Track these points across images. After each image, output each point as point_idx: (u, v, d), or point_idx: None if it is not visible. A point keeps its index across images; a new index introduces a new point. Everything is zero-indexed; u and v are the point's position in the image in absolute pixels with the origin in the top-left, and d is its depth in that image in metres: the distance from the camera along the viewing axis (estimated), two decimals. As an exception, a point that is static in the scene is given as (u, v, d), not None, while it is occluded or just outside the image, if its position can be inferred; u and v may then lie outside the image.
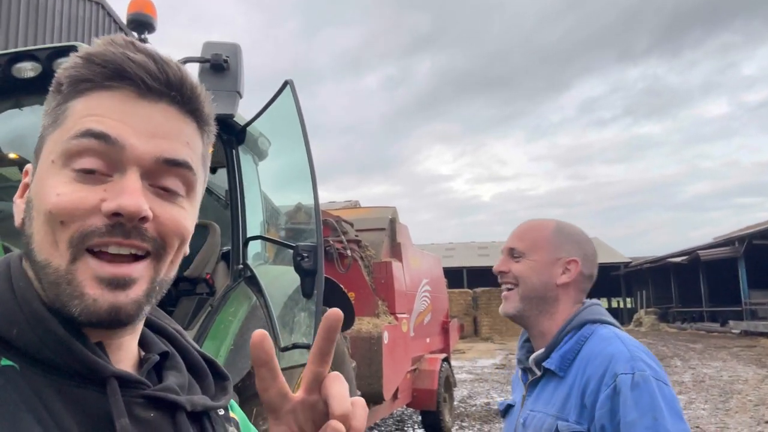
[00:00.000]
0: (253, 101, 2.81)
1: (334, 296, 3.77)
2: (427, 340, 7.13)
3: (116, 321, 0.53)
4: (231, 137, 3.17)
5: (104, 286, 0.52)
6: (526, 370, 1.37)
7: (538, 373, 1.31)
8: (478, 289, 25.78)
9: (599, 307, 1.35)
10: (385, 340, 5.24)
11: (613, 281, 40.66)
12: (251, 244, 3.23)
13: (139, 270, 0.54)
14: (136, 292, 0.54)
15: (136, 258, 0.54)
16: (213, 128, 0.63)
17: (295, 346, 2.52)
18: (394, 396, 5.84)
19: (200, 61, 2.16)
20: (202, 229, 3.32)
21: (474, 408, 8.88)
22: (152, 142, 0.55)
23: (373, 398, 5.17)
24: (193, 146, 0.59)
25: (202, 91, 0.60)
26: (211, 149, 0.65)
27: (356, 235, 5.87)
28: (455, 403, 8.35)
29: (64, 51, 2.32)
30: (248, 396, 2.72)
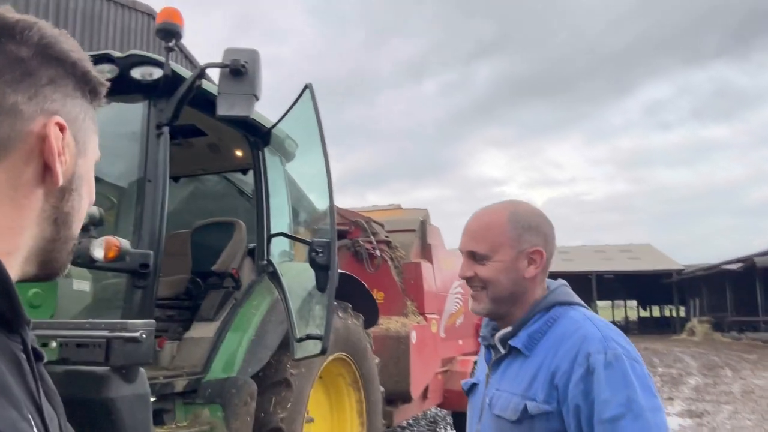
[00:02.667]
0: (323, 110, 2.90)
1: (358, 294, 3.87)
2: (460, 341, 7.12)
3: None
4: (257, 139, 3.33)
5: None
6: (490, 348, 1.38)
7: (503, 352, 1.31)
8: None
9: (568, 288, 1.35)
10: (413, 340, 5.28)
11: (665, 289, 39.19)
12: (279, 241, 3.38)
13: None
14: None
15: None
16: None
17: (308, 337, 2.63)
18: (424, 396, 5.87)
19: (220, 66, 2.30)
20: (228, 227, 3.49)
21: (509, 412, 8.80)
22: None
23: (401, 396, 5.22)
24: None
25: None
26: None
27: (386, 236, 5.94)
28: (489, 406, 8.29)
29: (146, 60, 2.55)
30: (267, 385, 2.85)
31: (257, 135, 3.32)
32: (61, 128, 0.58)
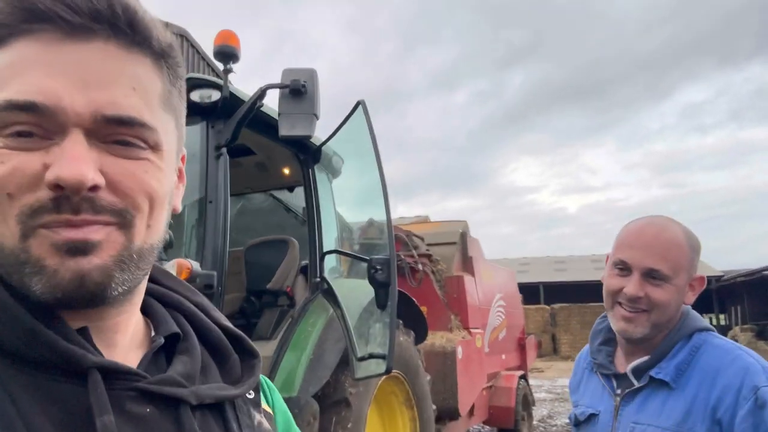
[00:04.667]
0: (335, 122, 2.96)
1: (407, 309, 3.83)
2: (503, 356, 7.01)
3: (84, 292, 0.45)
4: (307, 157, 3.34)
5: (63, 253, 0.45)
6: (611, 377, 1.31)
7: (637, 384, 1.24)
8: (556, 305, 24.95)
9: (696, 313, 1.29)
10: (459, 355, 5.21)
11: (705, 296, 37.96)
12: (327, 258, 3.37)
13: (101, 233, 0.46)
14: (102, 257, 0.46)
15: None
16: (176, 58, 0.54)
17: (371, 356, 2.60)
18: (470, 413, 5.77)
19: (280, 86, 2.31)
20: (281, 244, 3.50)
21: (555, 428, 8.60)
22: (87, 95, 0.45)
23: (449, 414, 5.14)
24: (145, 89, 0.49)
25: (146, 15, 0.49)
26: (182, 86, 0.58)
27: (427, 249, 5.91)
28: (534, 422, 8.12)
29: (205, 83, 2.60)
30: (328, 404, 2.82)
31: (307, 153, 3.34)
32: None
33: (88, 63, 0.46)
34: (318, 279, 3.18)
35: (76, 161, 0.44)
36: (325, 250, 3.29)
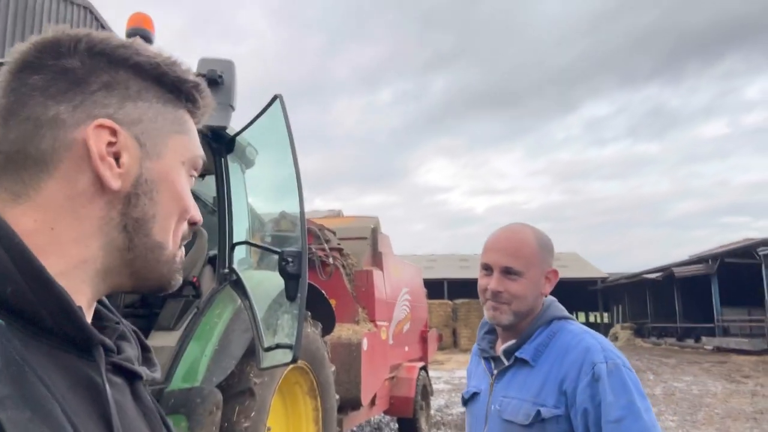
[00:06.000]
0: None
1: (316, 302, 3.89)
2: (406, 348, 7.26)
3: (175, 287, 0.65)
4: (221, 146, 3.30)
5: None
6: (489, 359, 1.51)
7: (507, 363, 1.45)
8: (458, 301, 25.97)
9: (558, 303, 1.50)
10: (365, 347, 5.35)
11: (591, 296, 41.15)
12: (237, 249, 3.35)
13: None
14: None
15: None
16: None
17: (278, 346, 2.64)
18: (372, 402, 5.94)
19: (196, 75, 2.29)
20: (189, 234, 3.44)
21: (451, 417, 9.01)
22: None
23: (352, 404, 5.27)
24: None
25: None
26: None
27: (338, 244, 6.00)
28: (432, 411, 8.47)
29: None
30: (231, 394, 2.83)
31: (220, 142, 3.30)
32: (112, 131, 0.56)
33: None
34: (227, 270, 3.16)
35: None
36: (235, 240, 3.27)
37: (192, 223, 0.65)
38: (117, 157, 0.57)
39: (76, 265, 0.56)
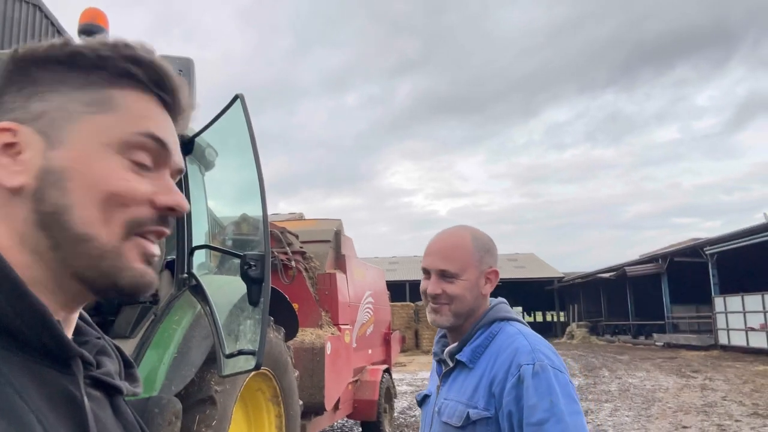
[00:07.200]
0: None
1: (278, 306, 3.82)
2: (369, 351, 7.23)
3: (144, 294, 0.59)
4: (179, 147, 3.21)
5: (145, 262, 0.58)
6: (440, 362, 1.51)
7: (451, 365, 1.44)
8: (420, 303, 26.10)
9: (506, 305, 1.49)
10: (328, 351, 5.30)
11: (548, 296, 42.13)
12: (196, 253, 3.26)
13: (158, 249, 0.61)
14: (155, 268, 0.62)
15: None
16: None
17: (240, 353, 2.57)
18: (336, 407, 5.89)
19: (154, 73, 2.21)
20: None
21: (413, 419, 9.03)
22: (178, 154, 0.63)
23: (315, 409, 5.21)
24: None
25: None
26: None
27: (301, 247, 5.92)
28: (395, 414, 8.46)
29: None
30: (191, 403, 2.74)
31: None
32: (12, 132, 0.55)
33: (174, 133, 0.63)
34: (185, 275, 3.06)
35: (180, 194, 0.61)
36: (194, 244, 3.18)
37: (159, 208, 0.58)
38: (20, 156, 0.56)
39: (21, 273, 0.52)
